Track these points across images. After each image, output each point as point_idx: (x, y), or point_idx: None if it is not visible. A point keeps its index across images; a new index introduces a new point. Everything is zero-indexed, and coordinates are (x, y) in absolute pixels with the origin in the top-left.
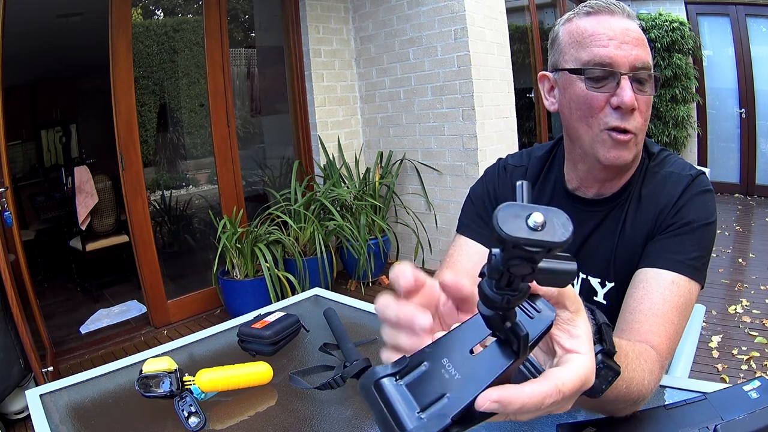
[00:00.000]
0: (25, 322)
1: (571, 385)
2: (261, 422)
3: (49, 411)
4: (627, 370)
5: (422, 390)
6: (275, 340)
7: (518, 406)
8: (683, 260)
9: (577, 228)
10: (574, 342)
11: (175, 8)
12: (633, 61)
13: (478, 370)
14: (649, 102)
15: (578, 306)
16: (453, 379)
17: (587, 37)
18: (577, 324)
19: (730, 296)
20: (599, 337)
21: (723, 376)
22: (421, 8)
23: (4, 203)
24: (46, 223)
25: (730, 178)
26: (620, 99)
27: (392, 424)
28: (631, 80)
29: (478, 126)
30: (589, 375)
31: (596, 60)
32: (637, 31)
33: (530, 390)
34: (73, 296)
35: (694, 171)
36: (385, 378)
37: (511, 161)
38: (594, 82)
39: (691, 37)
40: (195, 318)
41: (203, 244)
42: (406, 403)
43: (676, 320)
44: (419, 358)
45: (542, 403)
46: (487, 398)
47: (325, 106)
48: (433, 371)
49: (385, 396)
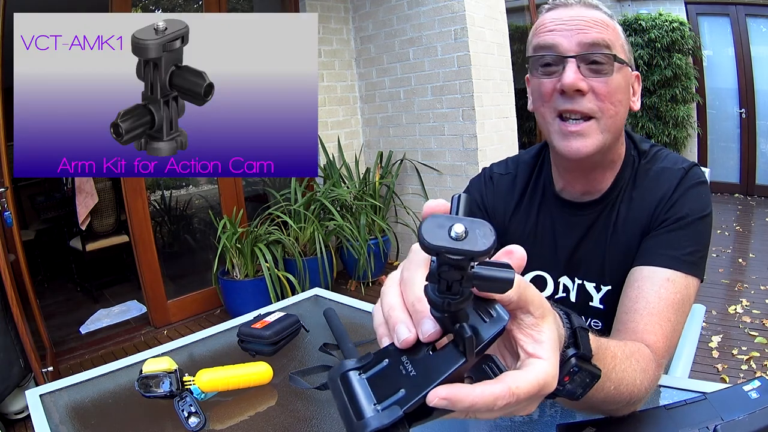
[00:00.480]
0: (25, 322)
1: (526, 388)
2: (261, 422)
3: (49, 411)
4: (615, 371)
5: (381, 384)
6: (275, 340)
7: (467, 405)
8: (678, 256)
9: (568, 233)
10: (537, 347)
11: (175, 8)
12: (579, 42)
13: (432, 368)
14: (609, 84)
15: (543, 312)
16: (409, 375)
17: (539, 26)
18: (542, 329)
19: (730, 296)
20: (574, 341)
21: (723, 376)
22: (421, 8)
23: (4, 203)
24: (46, 223)
25: (730, 178)
26: (562, 81)
27: (351, 413)
28: (580, 62)
29: (478, 126)
30: (549, 380)
31: (541, 44)
32: (592, 16)
33: (481, 390)
34: (73, 296)
35: (687, 164)
36: (350, 371)
37: (496, 170)
38: (543, 68)
39: (691, 37)
40: (195, 318)
41: (203, 244)
42: (366, 395)
43: (673, 317)
44: (382, 355)
45: (494, 403)
46: (437, 395)
47: (325, 106)
48: (392, 368)
49: (349, 388)
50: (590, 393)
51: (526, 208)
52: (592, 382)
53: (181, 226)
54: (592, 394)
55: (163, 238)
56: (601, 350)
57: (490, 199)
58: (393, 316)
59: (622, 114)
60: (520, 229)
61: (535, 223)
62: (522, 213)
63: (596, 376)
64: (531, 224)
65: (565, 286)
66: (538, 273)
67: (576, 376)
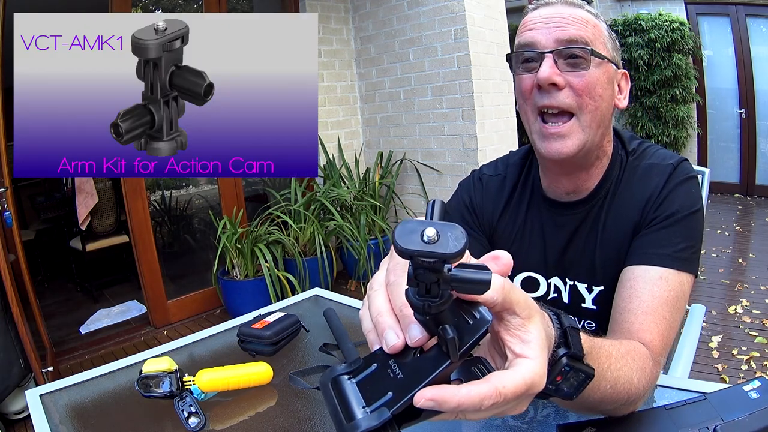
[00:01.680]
0: (25, 322)
1: (513, 387)
2: (261, 422)
3: (49, 411)
4: (610, 371)
5: (370, 388)
6: (275, 340)
7: (454, 405)
8: (670, 253)
9: (556, 234)
10: (524, 347)
11: (175, 8)
12: (557, 38)
13: (419, 371)
14: (588, 79)
15: (530, 312)
16: (397, 378)
17: (521, 26)
18: (529, 330)
19: (730, 296)
20: (564, 340)
21: (723, 376)
22: (421, 8)
23: (4, 203)
24: (46, 223)
25: (730, 178)
26: (537, 75)
27: (341, 416)
28: (557, 57)
29: (478, 126)
30: (536, 379)
31: (521, 43)
32: (572, 14)
33: (467, 390)
34: (73, 296)
35: (675, 159)
36: (341, 376)
37: (486, 171)
38: (522, 65)
39: (691, 37)
40: (195, 318)
41: (203, 245)
42: (356, 398)
43: (668, 315)
44: (371, 359)
45: (480, 403)
46: (423, 396)
47: (325, 106)
48: (380, 371)
49: (339, 392)
50: (587, 393)
51: (514, 208)
52: (586, 381)
53: (181, 226)
54: (588, 394)
55: (163, 238)
56: (595, 350)
57: (478, 200)
58: (381, 322)
59: (604, 110)
60: (508, 230)
61: (524, 224)
62: (510, 214)
63: (590, 376)
64: (519, 225)
65: (557, 287)
66: (529, 274)
67: (569, 375)
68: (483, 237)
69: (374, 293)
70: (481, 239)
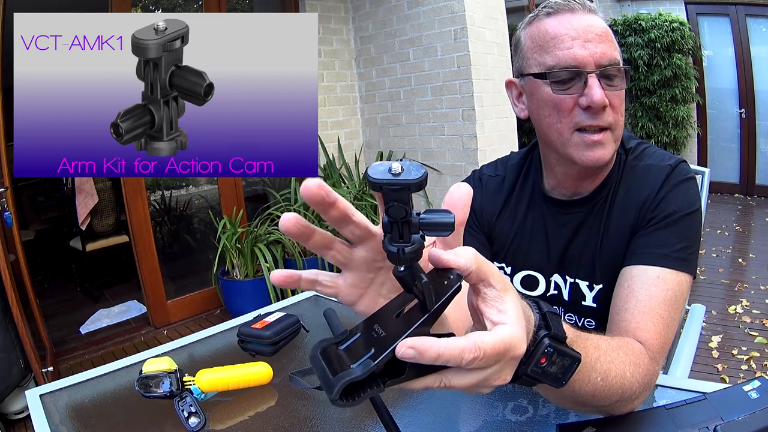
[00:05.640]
0: (25, 322)
1: (492, 343)
2: (261, 422)
3: (49, 411)
4: (600, 362)
5: (356, 350)
6: (275, 340)
7: (434, 354)
8: (668, 253)
9: (558, 232)
10: (501, 315)
11: (175, 8)
12: (599, 59)
13: (400, 327)
14: (621, 96)
15: (505, 285)
16: (380, 337)
17: (549, 40)
18: (505, 300)
19: (730, 296)
20: (545, 324)
21: (723, 376)
22: (421, 8)
23: (4, 203)
24: (46, 223)
25: (730, 178)
26: (589, 99)
27: (329, 375)
28: (599, 77)
29: (478, 126)
30: (515, 341)
31: (561, 63)
32: (601, 25)
33: (446, 342)
34: (73, 296)
35: (674, 160)
36: (329, 346)
37: (486, 171)
38: (560, 84)
39: (691, 37)
40: (195, 318)
41: (203, 245)
42: (342, 361)
43: (665, 314)
44: (356, 330)
45: (461, 356)
46: (404, 344)
47: (325, 106)
48: (365, 336)
49: (327, 358)
50: (577, 386)
51: (513, 208)
52: (573, 365)
53: (181, 227)
54: (579, 386)
55: (163, 238)
56: (582, 339)
57: (478, 200)
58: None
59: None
60: (507, 229)
61: (523, 223)
62: (509, 213)
63: (576, 360)
64: (518, 224)
65: (557, 284)
66: (528, 273)
67: (553, 357)
68: (483, 236)
69: None
70: (481, 238)
